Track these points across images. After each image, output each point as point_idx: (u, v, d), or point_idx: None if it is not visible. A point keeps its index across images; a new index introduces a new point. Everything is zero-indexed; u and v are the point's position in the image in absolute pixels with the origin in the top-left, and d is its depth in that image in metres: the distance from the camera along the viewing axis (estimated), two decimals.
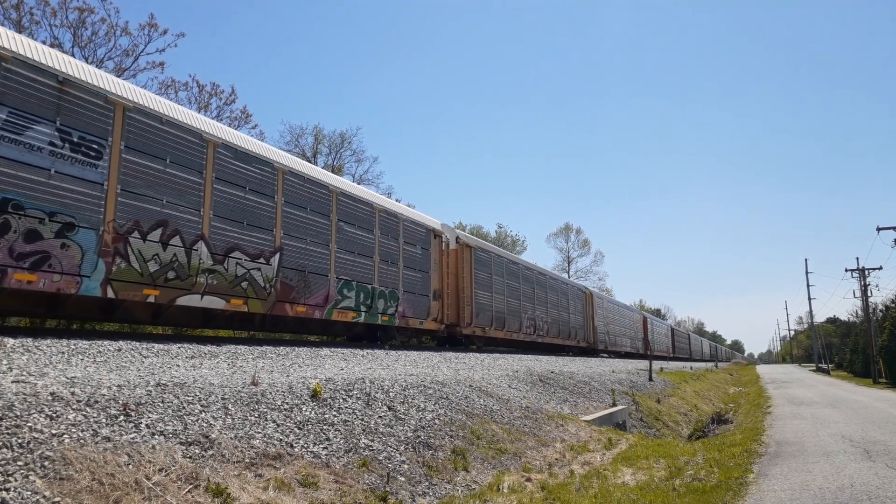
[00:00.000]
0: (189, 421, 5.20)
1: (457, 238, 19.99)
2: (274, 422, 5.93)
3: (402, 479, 6.13)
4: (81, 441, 4.28)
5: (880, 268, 57.10)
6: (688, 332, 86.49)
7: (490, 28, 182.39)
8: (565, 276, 53.58)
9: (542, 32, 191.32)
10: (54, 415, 4.43)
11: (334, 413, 6.76)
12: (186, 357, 7.76)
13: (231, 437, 5.30)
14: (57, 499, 3.69)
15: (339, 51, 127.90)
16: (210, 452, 4.94)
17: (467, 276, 19.95)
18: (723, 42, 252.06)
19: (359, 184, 29.77)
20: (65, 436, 4.25)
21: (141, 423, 4.84)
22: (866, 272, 44.85)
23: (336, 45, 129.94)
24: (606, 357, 34.52)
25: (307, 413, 6.44)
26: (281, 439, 5.70)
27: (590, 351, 34.00)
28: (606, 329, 37.01)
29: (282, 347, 10.61)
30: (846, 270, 47.40)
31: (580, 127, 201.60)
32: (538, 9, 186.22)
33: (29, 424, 4.19)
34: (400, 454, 6.59)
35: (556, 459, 8.57)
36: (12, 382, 4.78)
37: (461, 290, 19.64)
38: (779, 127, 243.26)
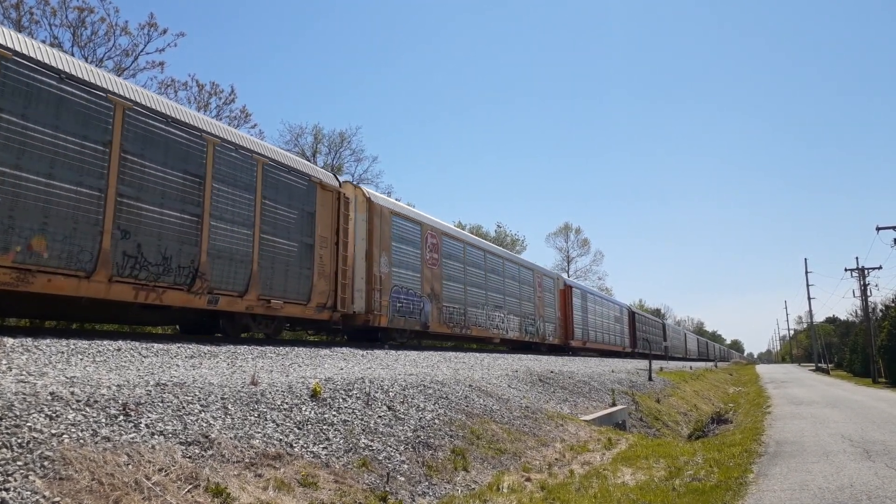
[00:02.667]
0: (189, 421, 5.20)
1: None
2: (273, 422, 5.93)
3: (402, 478, 6.12)
4: (81, 441, 4.28)
5: (880, 267, 57.24)
6: (662, 321, 63.32)
7: (490, 28, 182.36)
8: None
9: (543, 32, 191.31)
10: (54, 415, 4.43)
11: (334, 413, 6.76)
12: (186, 357, 7.75)
13: (231, 437, 5.30)
14: (57, 499, 3.68)
15: (339, 51, 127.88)
16: (210, 452, 4.94)
17: None
18: (723, 42, 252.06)
19: (360, 184, 29.49)
20: (64, 436, 4.24)
21: (140, 422, 4.84)
22: (866, 272, 44.89)
23: (336, 45, 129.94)
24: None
25: (307, 413, 6.44)
26: (281, 439, 5.70)
27: (364, 332, 15.83)
28: (438, 292, 17.88)
29: (281, 347, 10.61)
30: (846, 270, 47.52)
31: (581, 127, 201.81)
32: (538, 8, 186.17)
33: (28, 424, 4.19)
34: (400, 454, 6.58)
35: (556, 459, 8.57)
36: (12, 382, 4.78)
37: None
38: (779, 127, 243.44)
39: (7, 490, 3.59)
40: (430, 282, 17.71)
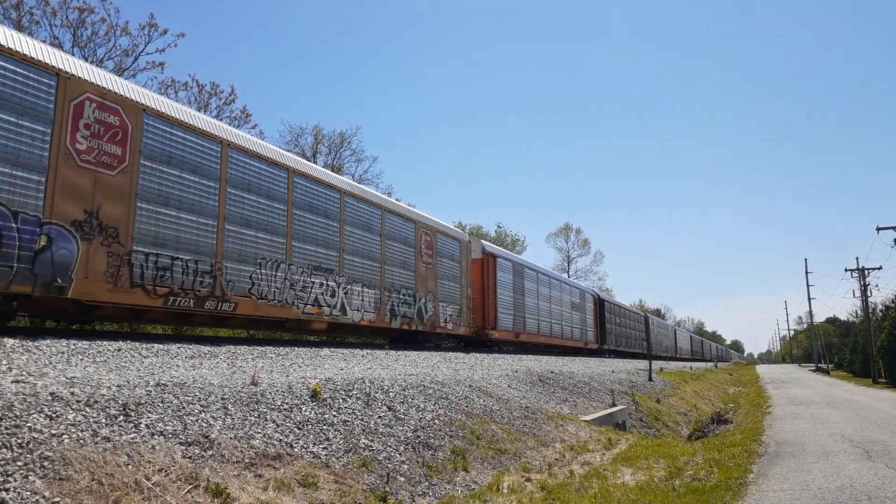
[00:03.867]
0: (189, 421, 5.20)
1: None
2: (273, 422, 5.93)
3: (402, 479, 6.13)
4: (81, 441, 4.28)
5: (880, 268, 57.38)
6: (646, 314, 52.07)
7: (490, 28, 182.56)
8: None
9: (543, 32, 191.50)
10: (54, 415, 4.43)
11: (334, 413, 6.76)
12: (186, 357, 7.76)
13: (231, 438, 5.30)
14: (56, 499, 3.69)
15: (339, 51, 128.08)
16: (210, 453, 4.94)
17: None
18: (721, 42, 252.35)
19: (360, 183, 29.55)
20: (64, 436, 4.24)
21: (140, 423, 4.84)
22: (866, 272, 44.93)
23: (336, 45, 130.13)
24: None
25: (307, 413, 6.44)
26: (281, 439, 5.70)
27: None
28: (119, 221, 8.89)
29: (281, 347, 10.61)
30: (846, 270, 47.53)
31: (582, 127, 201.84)
32: (539, 10, 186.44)
33: (28, 424, 4.19)
34: (400, 454, 6.59)
35: (556, 459, 8.57)
36: (12, 382, 4.78)
37: None
38: (779, 126, 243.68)
39: (7, 490, 3.59)
40: (81, 198, 8.61)
